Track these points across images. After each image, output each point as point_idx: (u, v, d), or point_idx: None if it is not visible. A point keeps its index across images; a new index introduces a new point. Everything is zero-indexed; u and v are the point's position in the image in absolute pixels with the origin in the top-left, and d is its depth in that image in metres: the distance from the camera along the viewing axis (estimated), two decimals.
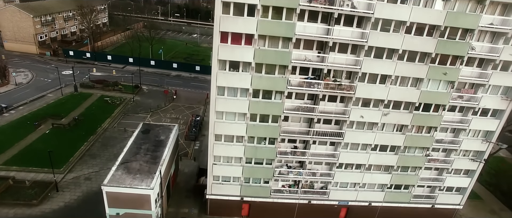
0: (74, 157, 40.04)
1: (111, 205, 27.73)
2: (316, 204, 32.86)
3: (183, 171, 40.36)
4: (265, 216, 33.32)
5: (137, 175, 28.75)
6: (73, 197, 34.14)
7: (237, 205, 32.70)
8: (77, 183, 36.27)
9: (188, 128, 48.97)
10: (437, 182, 33.00)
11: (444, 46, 25.82)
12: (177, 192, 36.64)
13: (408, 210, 34.26)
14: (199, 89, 65.65)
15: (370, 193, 33.11)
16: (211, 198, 32.01)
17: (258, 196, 31.96)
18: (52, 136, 43.94)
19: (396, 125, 29.57)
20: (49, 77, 63.30)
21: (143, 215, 28.17)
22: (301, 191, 32.06)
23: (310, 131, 28.83)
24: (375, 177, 32.01)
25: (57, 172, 36.35)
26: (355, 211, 34.06)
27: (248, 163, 30.38)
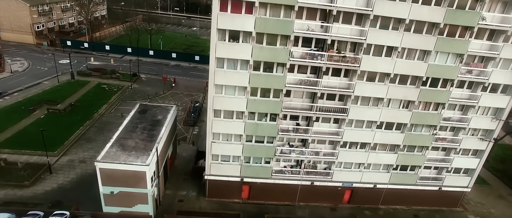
0: (69, 141, 38.91)
1: (105, 183, 26.48)
2: (319, 185, 31.61)
3: (181, 155, 39.18)
4: (266, 199, 32.19)
5: (132, 152, 27.55)
6: (66, 179, 32.98)
7: (237, 186, 31.42)
8: (71, 166, 35.11)
9: (187, 114, 47.92)
10: (445, 163, 31.73)
11: (453, 16, 24.63)
12: (175, 175, 35.40)
13: (414, 193, 33.00)
14: (198, 78, 64.61)
15: (375, 174, 31.81)
16: (210, 178, 30.77)
17: (259, 176, 30.70)
18: (47, 120, 42.80)
19: (403, 101, 28.40)
20: (46, 65, 62.26)
21: (139, 194, 27.04)
22: (304, 172, 30.84)
23: (313, 107, 27.65)
24: (381, 157, 30.78)
25: (51, 154, 35.24)
26: (359, 194, 32.77)
27: (249, 141, 29.23)
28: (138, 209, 27.84)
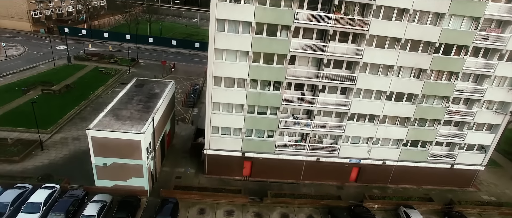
0: (62, 119, 37.27)
1: (97, 153, 24.84)
2: (325, 162, 29.93)
3: (179, 134, 37.54)
4: (269, 176, 30.50)
5: (127, 121, 25.97)
6: (59, 155, 31.27)
7: (238, 162, 29.72)
8: (64, 143, 33.46)
9: (186, 96, 46.46)
10: (457, 138, 30.02)
11: None
12: (173, 153, 33.75)
13: (425, 171, 31.27)
14: (198, 64, 63.13)
15: (384, 150, 30.07)
16: (210, 153, 29.13)
17: (261, 151, 29.01)
18: (41, 100, 41.05)
19: (414, 69, 26.74)
20: (42, 51, 60.69)
21: (133, 166, 25.40)
22: (309, 147, 29.17)
23: (319, 74, 26.13)
24: (390, 131, 29.12)
25: (43, 132, 33.73)
26: (367, 171, 31.02)
27: (251, 112, 27.61)
28: (132, 182, 26.22)
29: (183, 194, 26.80)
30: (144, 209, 25.74)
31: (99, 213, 23.45)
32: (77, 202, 24.40)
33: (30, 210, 23.15)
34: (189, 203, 26.69)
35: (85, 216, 22.90)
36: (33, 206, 23.39)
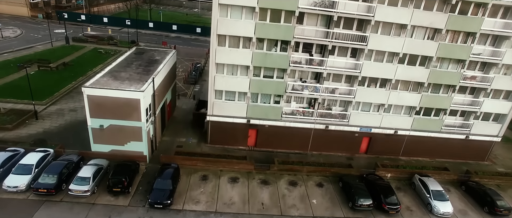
0: (59, 92, 35.85)
1: (93, 114, 23.31)
2: (334, 130, 28.40)
3: (181, 107, 35.97)
4: (275, 146, 28.95)
5: (126, 81, 24.53)
6: (54, 124, 29.80)
7: (242, 130, 28.20)
8: (60, 113, 31.93)
9: (188, 73, 45.21)
10: (473, 106, 28.57)
11: None
12: (173, 124, 32.21)
13: (438, 142, 29.73)
14: (199, 47, 61.79)
15: (396, 118, 28.54)
16: (213, 120, 27.69)
17: (267, 118, 27.53)
18: (37, 76, 39.68)
19: (428, 29, 25.23)
20: (40, 33, 59.31)
21: (132, 129, 23.87)
22: (318, 114, 27.77)
23: (328, 33, 24.74)
24: (403, 97, 27.63)
25: (38, 103, 32.26)
26: (379, 141, 29.46)
27: (256, 75, 26.18)
28: (131, 147, 24.67)
29: (185, 159, 25.29)
30: (143, 174, 24.23)
31: (95, 176, 21.95)
32: (71, 165, 22.92)
33: (21, 172, 21.67)
34: (190, 169, 25.21)
35: (79, 178, 21.42)
36: (25, 167, 21.91)
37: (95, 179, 21.96)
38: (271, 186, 24.53)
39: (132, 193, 22.21)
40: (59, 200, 20.93)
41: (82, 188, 21.00)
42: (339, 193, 24.42)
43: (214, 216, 21.10)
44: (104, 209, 20.62)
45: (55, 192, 20.90)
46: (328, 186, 25.22)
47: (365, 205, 22.37)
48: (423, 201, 24.43)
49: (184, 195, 22.56)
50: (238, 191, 23.56)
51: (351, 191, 23.37)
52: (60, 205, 20.51)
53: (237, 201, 22.58)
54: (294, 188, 24.63)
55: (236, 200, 22.65)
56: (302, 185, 25.00)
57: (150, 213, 20.78)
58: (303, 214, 22.01)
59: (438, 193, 23.96)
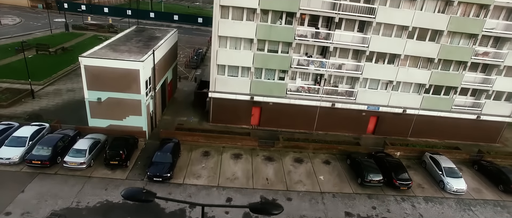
0: (57, 74, 34.95)
1: (90, 86, 22.32)
2: (340, 108, 27.36)
3: (182, 89, 34.97)
4: (280, 125, 27.85)
5: (125, 53, 23.54)
6: (51, 103, 28.84)
7: (245, 108, 27.14)
8: (57, 93, 31.02)
9: (189, 58, 44.34)
10: (485, 84, 27.41)
11: None
12: (174, 104, 31.22)
13: (448, 122, 28.61)
14: (201, 36, 60.99)
15: (404, 96, 27.50)
16: (215, 97, 26.70)
17: (272, 95, 26.53)
18: (35, 59, 38.74)
19: (439, 2, 24.09)
20: (39, 22, 58.56)
21: (131, 102, 22.84)
22: (324, 91, 26.69)
23: (335, 5, 23.80)
24: (412, 74, 26.57)
25: (36, 83, 31.32)
26: (387, 121, 28.40)
27: (261, 50, 25.21)
28: (130, 122, 23.69)
29: (186, 135, 24.33)
30: (142, 150, 23.22)
31: (91, 149, 20.97)
32: (67, 139, 21.89)
33: (14, 144, 20.72)
34: (192, 146, 24.23)
35: (75, 150, 20.44)
36: (18, 140, 20.97)
37: (92, 152, 20.99)
38: (276, 162, 23.55)
39: (130, 167, 21.21)
40: (54, 173, 19.96)
41: (78, 160, 20.02)
42: (347, 171, 23.40)
43: (216, 190, 20.14)
44: (101, 182, 19.65)
45: (50, 165, 19.92)
46: (336, 164, 24.21)
47: (375, 181, 21.32)
48: (435, 179, 23.36)
49: (184, 170, 21.58)
50: (242, 167, 22.59)
51: (360, 167, 22.35)
52: (54, 178, 19.56)
53: (240, 176, 21.58)
54: (299, 164, 23.65)
55: (239, 175, 21.65)
56: (308, 162, 23.98)
57: (148, 187, 19.80)
58: (310, 190, 21.11)
59: (450, 170, 22.90)
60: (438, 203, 21.34)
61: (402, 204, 20.76)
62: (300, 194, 20.67)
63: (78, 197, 18.26)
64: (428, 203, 21.19)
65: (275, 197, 20.11)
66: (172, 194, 19.44)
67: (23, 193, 18.27)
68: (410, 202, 21.00)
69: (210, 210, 18.64)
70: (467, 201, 21.78)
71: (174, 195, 19.33)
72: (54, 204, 17.64)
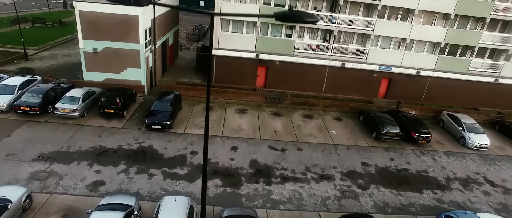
0: (54, 42, 33.61)
1: (86, 35, 20.76)
2: (351, 68, 25.76)
3: (183, 57, 33.42)
4: (286, 87, 26.11)
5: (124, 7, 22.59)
6: (45, 64, 27.42)
7: (250, 68, 25.49)
8: (53, 57, 29.61)
9: (191, 31, 43.15)
10: (504, 44, 25.76)
11: None
12: (175, 68, 29.61)
13: (465, 86, 26.88)
14: (203, 17, 59.36)
15: (418, 56, 25.94)
16: (218, 54, 25.18)
17: (278, 52, 24.99)
18: (31, 30, 37.34)
19: None
20: (37, 2, 57.29)
21: (129, 52, 21.24)
22: (333, 49, 25.21)
23: None
24: (426, 31, 24.99)
25: (30, 48, 29.82)
26: (399, 83, 26.70)
27: (267, 3, 23.74)
28: (128, 75, 22.13)
29: (187, 89, 22.91)
30: (140, 104, 21.64)
31: (85, 98, 19.42)
32: (60, 89, 20.33)
33: (2, 92, 19.24)
34: (193, 101, 22.70)
35: (68, 97, 18.87)
36: (7, 88, 19.49)
37: (86, 101, 19.44)
38: (284, 117, 22.07)
39: (127, 118, 19.66)
40: (44, 121, 18.43)
41: (70, 107, 18.45)
42: (360, 127, 21.83)
43: (220, 140, 18.56)
44: (94, 130, 18.09)
45: (40, 112, 18.32)
46: (348, 120, 22.68)
47: (392, 134, 19.73)
48: (454, 137, 21.76)
49: (185, 121, 20.05)
50: (247, 121, 21.07)
51: (375, 121, 20.78)
52: (44, 125, 18.02)
53: (246, 128, 20.05)
54: (309, 120, 22.14)
55: (245, 127, 20.13)
56: (318, 118, 22.48)
57: (146, 135, 18.31)
58: (322, 142, 19.40)
59: (472, 125, 21.36)
60: (460, 157, 19.73)
61: (422, 157, 19.19)
62: (312, 145, 19.11)
63: (69, 142, 16.71)
64: (449, 157, 19.60)
65: (285, 147, 18.53)
66: (172, 142, 17.97)
67: (9, 137, 16.66)
68: (430, 156, 19.44)
69: (214, 157, 17.25)
70: (491, 156, 20.23)
71: (174, 143, 17.83)
72: (43, 148, 16.06)
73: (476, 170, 18.54)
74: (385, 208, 14.68)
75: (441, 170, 18.15)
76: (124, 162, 15.72)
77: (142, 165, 15.65)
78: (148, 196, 13.80)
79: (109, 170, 15.05)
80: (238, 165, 16.43)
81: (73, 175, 14.53)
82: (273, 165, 16.75)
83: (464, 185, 17.01)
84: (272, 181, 15.56)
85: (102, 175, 14.68)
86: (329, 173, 16.62)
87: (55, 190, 13.47)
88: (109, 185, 14.12)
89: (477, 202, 15.78)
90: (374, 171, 17.38)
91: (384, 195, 15.52)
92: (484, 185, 17.23)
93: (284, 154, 17.84)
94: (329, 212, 14.02)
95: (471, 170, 18.46)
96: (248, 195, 14.49)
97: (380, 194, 15.54)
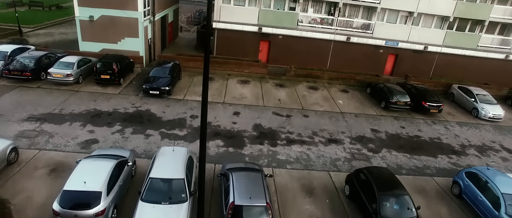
0: (50, 21, 32.64)
1: (82, 2, 19.80)
2: (356, 43, 24.80)
3: (183, 37, 32.51)
4: (290, 62, 24.69)
5: None
6: (40, 40, 26.23)
7: (253, 42, 24.44)
8: (49, 34, 28.64)
9: (191, 15, 42.51)
10: None
11: None
12: (175, 45, 28.78)
13: (474, 63, 25.86)
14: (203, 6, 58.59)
15: (426, 31, 25.00)
16: (220, 27, 24.25)
17: (281, 26, 24.08)
18: (27, 12, 36.29)
19: None
20: None
21: (127, 21, 20.26)
22: (338, 23, 24.23)
23: None
24: (435, 4, 23.95)
25: (25, 26, 28.72)
26: (406, 59, 25.71)
27: None
28: (125, 45, 21.12)
29: (187, 60, 21.89)
30: (138, 74, 20.69)
31: (80, 64, 18.43)
32: (54, 57, 19.40)
33: None
34: (194, 72, 21.70)
35: (62, 63, 17.88)
36: None
37: (81, 68, 18.47)
38: (288, 88, 21.15)
39: (123, 86, 18.71)
40: (36, 86, 17.48)
41: (64, 72, 17.50)
42: (368, 99, 20.86)
43: (221, 106, 17.60)
44: (89, 95, 17.10)
45: (32, 77, 17.34)
46: (354, 92, 21.77)
47: (401, 102, 18.81)
48: (466, 110, 20.78)
49: (185, 90, 19.07)
50: (250, 90, 20.16)
51: (383, 91, 19.86)
52: (36, 90, 17.07)
53: (249, 97, 19.12)
54: (314, 91, 21.22)
55: (247, 96, 19.20)
56: (324, 90, 21.55)
57: (144, 100, 17.37)
58: (328, 110, 18.46)
59: (484, 96, 20.46)
60: (473, 127, 18.78)
61: (434, 126, 18.25)
62: (318, 112, 18.19)
63: (62, 106, 15.77)
64: (462, 126, 18.67)
65: (290, 113, 17.60)
66: (171, 107, 17.04)
67: None
68: (442, 125, 18.52)
69: (215, 120, 16.38)
70: (506, 127, 19.32)
71: (173, 108, 16.88)
72: (33, 110, 15.10)
73: (491, 139, 17.61)
74: (399, 170, 13.75)
75: (455, 138, 17.20)
76: (119, 123, 14.78)
77: (139, 127, 14.71)
78: (144, 154, 12.86)
79: (103, 130, 14.13)
80: (241, 128, 15.53)
81: (65, 134, 13.60)
82: (278, 129, 15.82)
83: (480, 151, 16.10)
84: (278, 143, 14.62)
85: (95, 134, 13.74)
86: (338, 138, 15.69)
87: (45, 147, 12.53)
88: (103, 144, 13.17)
89: (495, 166, 14.76)
90: (384, 136, 16.43)
91: (397, 158, 14.60)
92: (501, 152, 16.31)
93: (289, 119, 16.94)
94: (339, 172, 13.22)
95: (486, 139, 17.55)
96: (252, 155, 13.55)
97: (392, 157, 14.61)
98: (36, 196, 10.11)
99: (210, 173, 12.02)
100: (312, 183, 12.17)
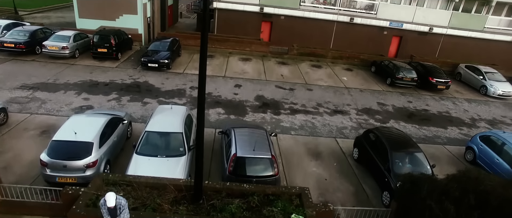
0: (47, 6, 32.04)
1: None
2: (360, 24, 24.15)
3: (184, 22, 32.00)
4: (292, 42, 23.44)
5: None
6: (36, 21, 25.47)
7: (254, 23, 23.71)
8: (46, 17, 28.05)
9: (191, 3, 41.76)
10: None
11: None
12: (175, 28, 27.90)
13: (480, 45, 25.03)
14: None
15: (431, 12, 24.38)
16: (220, 7, 23.45)
17: (283, 6, 23.38)
18: None
19: None
20: None
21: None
22: (341, 3, 23.78)
23: None
24: None
25: (22, 9, 28.07)
26: (410, 42, 24.95)
27: None
28: (123, 23, 20.48)
29: (187, 37, 21.30)
30: (136, 51, 20.04)
31: (77, 38, 17.81)
32: (49, 32, 18.76)
33: None
34: (193, 50, 20.85)
35: (57, 35, 17.33)
36: None
37: (77, 42, 17.85)
38: (291, 66, 20.55)
39: (121, 60, 18.11)
40: (31, 60, 16.88)
41: (60, 44, 16.91)
42: (373, 77, 20.22)
43: (222, 79, 17.02)
44: (85, 68, 16.49)
45: (26, 50, 16.72)
46: (359, 71, 21.15)
47: (408, 78, 18.21)
48: (474, 88, 20.16)
49: (185, 65, 18.48)
50: (252, 66, 19.60)
51: (388, 67, 19.31)
52: (30, 63, 16.44)
53: (251, 72, 18.53)
54: (318, 69, 20.65)
55: (249, 71, 18.62)
56: (327, 68, 20.97)
57: (143, 73, 16.78)
58: (332, 85, 17.84)
59: (493, 74, 19.83)
60: (483, 103, 18.17)
61: (441, 102, 17.63)
62: (322, 87, 17.60)
63: (57, 76, 15.13)
64: (471, 103, 18.05)
65: (293, 87, 16.95)
66: (170, 79, 16.42)
67: None
68: (450, 101, 17.91)
69: (215, 91, 15.80)
70: None
71: (173, 80, 16.21)
72: (26, 80, 14.45)
73: (502, 114, 16.97)
74: None
75: (464, 112, 16.58)
76: (116, 92, 14.16)
77: (136, 95, 14.08)
78: (140, 119, 12.31)
79: (99, 98, 13.51)
80: (243, 98, 14.89)
81: (58, 100, 12.99)
82: (281, 100, 15.19)
83: (491, 124, 15.46)
84: (281, 112, 14.00)
85: (91, 101, 13.13)
86: (343, 109, 15.07)
87: (36, 111, 11.90)
88: (98, 110, 12.45)
89: None
90: (391, 109, 15.82)
91: (406, 128, 13.95)
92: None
93: (292, 92, 16.34)
94: (346, 138, 12.60)
95: (496, 114, 16.90)
96: (255, 121, 12.90)
97: (401, 128, 13.88)
98: (25, 155, 9.48)
99: (211, 137, 11.38)
100: (318, 148, 11.55)
